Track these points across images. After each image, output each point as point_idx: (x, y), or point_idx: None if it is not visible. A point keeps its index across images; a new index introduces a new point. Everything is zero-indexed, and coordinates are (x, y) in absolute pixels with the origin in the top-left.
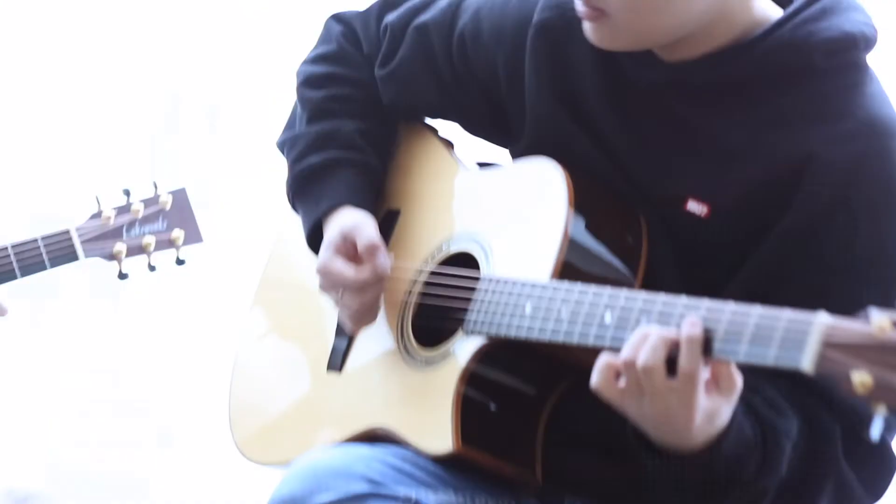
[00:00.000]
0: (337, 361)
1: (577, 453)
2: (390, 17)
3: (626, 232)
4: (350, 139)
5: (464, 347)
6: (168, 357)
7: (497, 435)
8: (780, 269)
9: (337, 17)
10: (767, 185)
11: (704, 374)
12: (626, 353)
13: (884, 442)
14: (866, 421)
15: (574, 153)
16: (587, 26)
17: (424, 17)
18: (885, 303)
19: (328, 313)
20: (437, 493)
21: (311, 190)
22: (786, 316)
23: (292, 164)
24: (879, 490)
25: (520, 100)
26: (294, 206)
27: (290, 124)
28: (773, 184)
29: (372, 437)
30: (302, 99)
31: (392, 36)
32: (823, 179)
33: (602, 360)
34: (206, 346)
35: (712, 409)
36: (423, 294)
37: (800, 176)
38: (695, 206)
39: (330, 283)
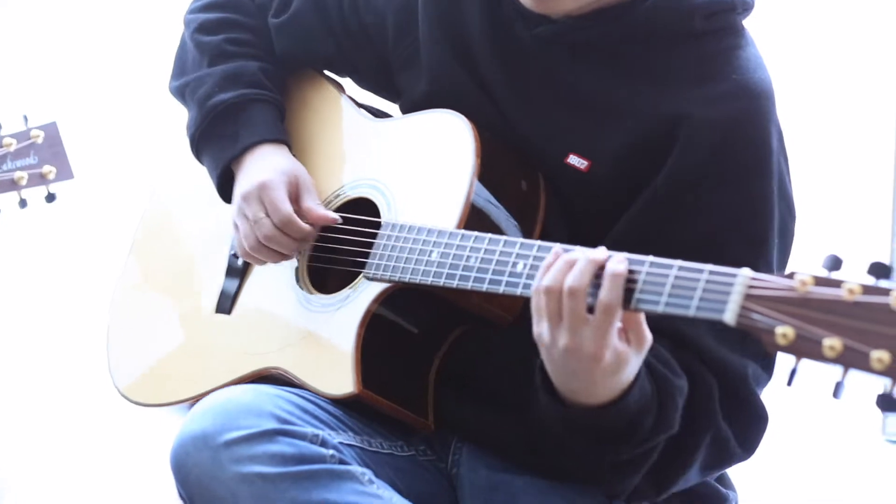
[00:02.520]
0: (226, 304)
1: (468, 400)
2: None
3: (525, 186)
4: (256, 78)
5: (365, 292)
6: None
7: (394, 378)
8: (653, 226)
9: None
10: (644, 143)
11: (618, 321)
12: (551, 277)
13: (756, 397)
14: (740, 377)
15: (467, 106)
16: None
17: None
18: (754, 260)
19: (213, 258)
20: (338, 433)
21: (225, 127)
22: (708, 269)
23: (200, 104)
24: (753, 444)
25: (408, 54)
26: (197, 147)
27: (181, 70)
28: (650, 141)
29: (264, 379)
30: (198, 44)
31: None
32: (697, 139)
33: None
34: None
35: (622, 354)
36: (320, 237)
37: (675, 135)
38: (575, 161)
39: (261, 200)
